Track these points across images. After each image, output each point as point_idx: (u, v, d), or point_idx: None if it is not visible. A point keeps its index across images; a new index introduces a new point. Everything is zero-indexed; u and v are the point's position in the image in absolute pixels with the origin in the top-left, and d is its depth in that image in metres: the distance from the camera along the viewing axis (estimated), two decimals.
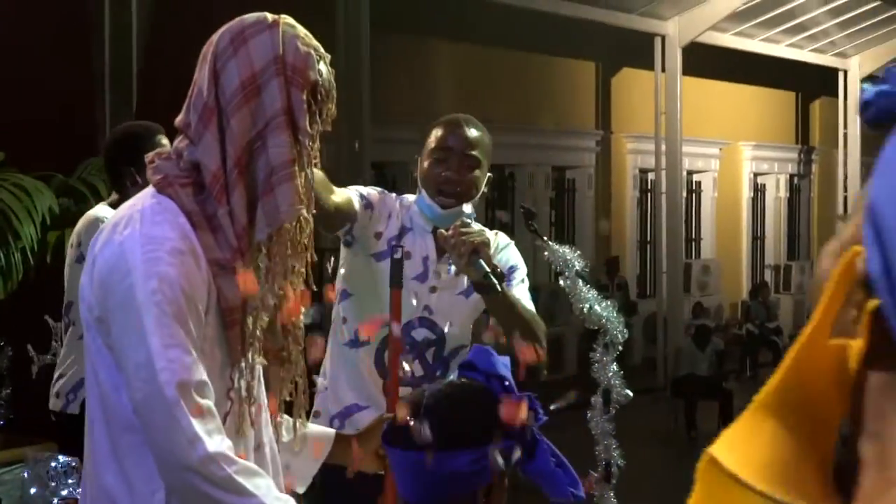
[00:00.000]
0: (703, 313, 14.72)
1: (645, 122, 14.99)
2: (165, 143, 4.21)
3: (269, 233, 2.10)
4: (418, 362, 3.20)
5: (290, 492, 2.24)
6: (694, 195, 17.70)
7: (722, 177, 17.92)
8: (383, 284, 3.06)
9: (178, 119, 2.16)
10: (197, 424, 1.97)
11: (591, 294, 3.19)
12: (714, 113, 16.84)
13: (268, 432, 2.27)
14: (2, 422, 4.94)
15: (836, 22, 14.25)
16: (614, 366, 3.19)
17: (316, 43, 2.15)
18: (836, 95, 17.40)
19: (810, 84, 18.21)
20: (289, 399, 2.30)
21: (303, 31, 2.15)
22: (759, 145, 18.59)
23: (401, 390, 3.05)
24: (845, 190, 18.19)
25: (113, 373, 2.06)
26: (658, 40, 14.04)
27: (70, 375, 4.30)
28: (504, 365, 1.91)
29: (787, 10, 13.72)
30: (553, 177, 14.89)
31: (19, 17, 6.45)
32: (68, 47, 6.63)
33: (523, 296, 3.16)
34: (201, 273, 2.06)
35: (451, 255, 3.01)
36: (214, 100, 2.09)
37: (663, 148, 14.47)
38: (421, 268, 3.23)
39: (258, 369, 2.21)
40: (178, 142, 2.16)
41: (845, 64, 16.15)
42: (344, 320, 3.21)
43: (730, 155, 18.00)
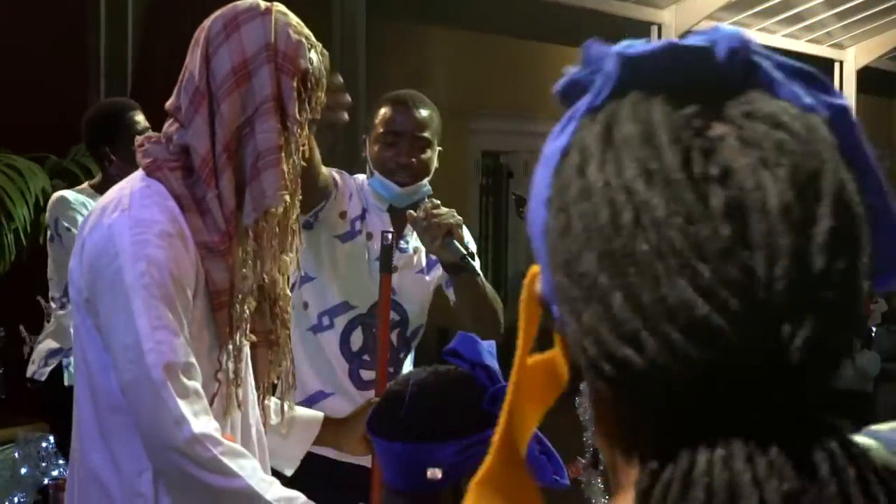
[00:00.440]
0: None
1: None
2: (140, 119, 4.22)
3: (256, 217, 2.12)
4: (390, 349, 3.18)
5: (275, 474, 2.26)
6: None
7: None
8: (347, 266, 3.04)
9: (169, 102, 2.18)
10: (183, 405, 1.99)
11: None
12: None
13: (255, 414, 2.29)
14: None
15: (833, 13, 14.25)
16: None
17: (307, 31, 2.17)
18: None
19: None
20: (276, 382, 2.32)
21: (295, 19, 2.17)
22: None
23: (364, 374, 3.06)
24: None
25: (101, 354, 2.08)
26: (654, 29, 14.01)
27: (43, 344, 4.34)
28: (489, 353, 1.89)
29: (784, 0, 13.71)
30: None
31: (15, 1, 6.44)
32: (64, 31, 6.62)
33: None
34: (189, 256, 2.08)
35: (422, 236, 2.96)
36: (205, 84, 2.11)
37: None
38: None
39: (246, 351, 2.23)
40: (168, 126, 2.17)
41: (841, 55, 16.14)
42: (305, 305, 3.09)
43: None
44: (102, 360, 2.08)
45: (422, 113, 3.16)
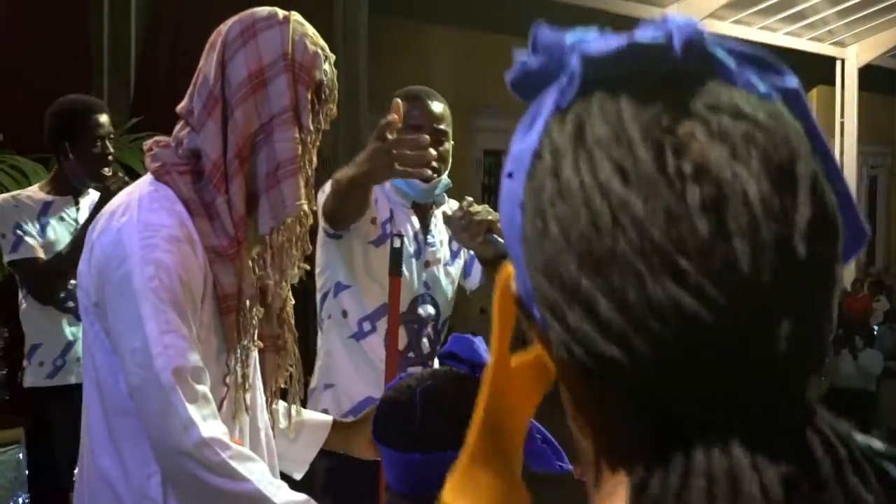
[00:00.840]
0: None
1: None
2: (104, 121, 4.21)
3: (273, 226, 2.12)
4: (426, 339, 3.23)
5: (284, 478, 2.26)
6: None
7: None
8: (384, 269, 3.08)
9: (181, 106, 2.18)
10: (192, 410, 1.99)
11: None
12: None
13: (263, 418, 2.29)
14: None
15: (835, 11, 14.23)
16: None
17: (323, 43, 2.18)
18: (833, 84, 17.40)
19: (808, 73, 18.18)
20: (284, 386, 2.32)
21: (311, 30, 2.18)
22: None
23: (413, 371, 3.08)
24: None
25: (109, 357, 2.08)
26: None
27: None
28: (487, 351, 1.85)
29: None
30: None
31: (18, 1, 6.44)
32: (66, 32, 6.62)
33: None
34: (198, 260, 2.08)
35: (459, 234, 3.00)
36: (220, 89, 2.11)
37: None
38: (415, 245, 3.25)
39: (254, 356, 2.23)
40: (179, 129, 2.18)
41: (843, 53, 16.13)
42: (344, 314, 3.17)
43: None
44: (110, 363, 2.08)
45: (437, 105, 3.22)
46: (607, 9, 12.93)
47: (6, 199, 4.22)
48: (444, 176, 3.20)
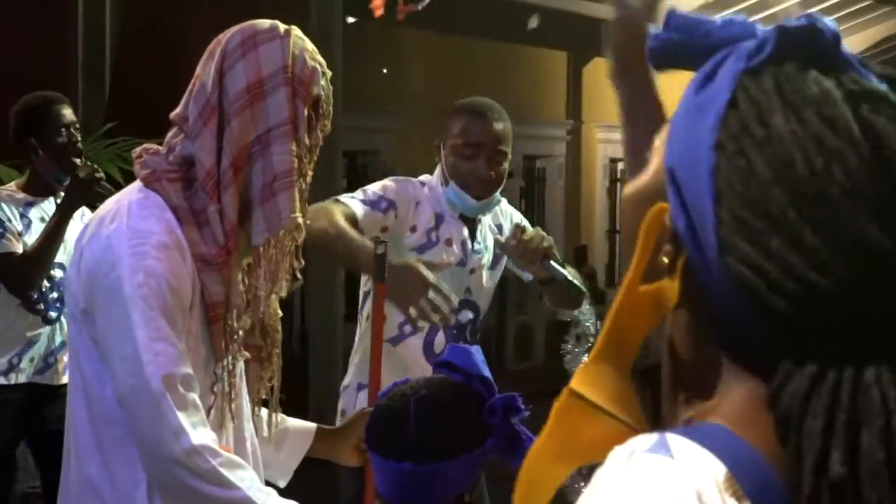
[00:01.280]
0: None
1: (616, 111, 14.97)
2: (67, 112, 4.21)
3: (268, 237, 2.12)
4: (463, 343, 3.25)
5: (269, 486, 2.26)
6: None
7: None
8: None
9: (175, 112, 2.17)
10: (182, 417, 1.99)
11: None
12: None
13: (249, 427, 2.29)
14: None
15: (819, 8, 14.30)
16: (585, 357, 3.24)
17: (321, 59, 2.19)
18: None
19: None
20: (265, 398, 2.32)
21: (311, 45, 2.19)
22: None
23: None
24: None
25: (97, 365, 2.08)
26: None
27: None
28: (483, 362, 1.89)
29: (761, 0, 13.76)
30: (524, 166, 14.91)
31: None
32: (41, 39, 6.59)
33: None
34: (186, 268, 2.08)
35: (516, 259, 3.12)
36: (217, 98, 2.11)
37: None
38: (461, 253, 3.28)
39: (240, 365, 2.23)
40: (172, 136, 2.17)
41: None
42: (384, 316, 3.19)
43: None
44: (98, 371, 2.08)
45: (499, 125, 3.22)
46: (580, 11, 12.92)
47: None
48: (497, 194, 3.25)
